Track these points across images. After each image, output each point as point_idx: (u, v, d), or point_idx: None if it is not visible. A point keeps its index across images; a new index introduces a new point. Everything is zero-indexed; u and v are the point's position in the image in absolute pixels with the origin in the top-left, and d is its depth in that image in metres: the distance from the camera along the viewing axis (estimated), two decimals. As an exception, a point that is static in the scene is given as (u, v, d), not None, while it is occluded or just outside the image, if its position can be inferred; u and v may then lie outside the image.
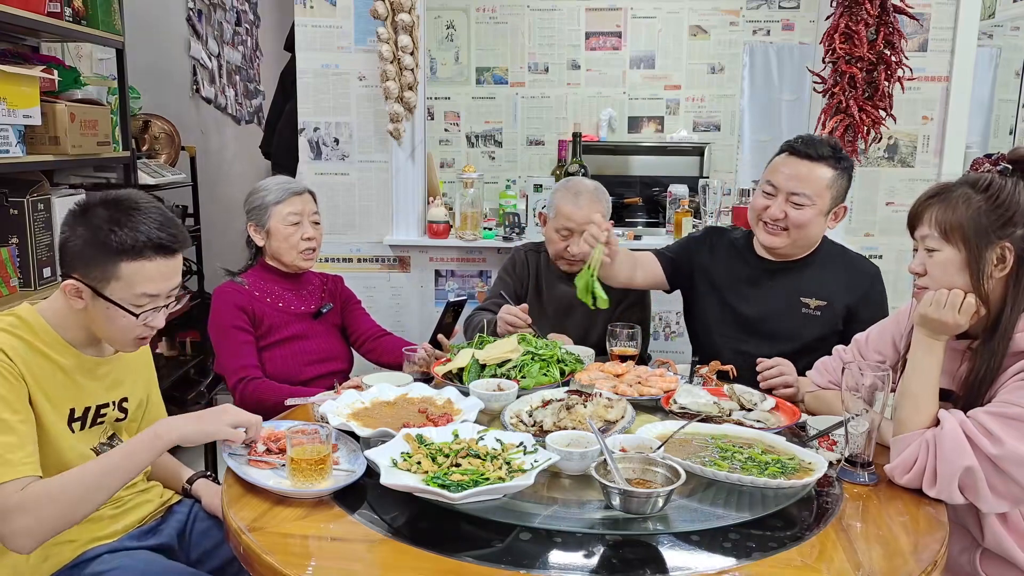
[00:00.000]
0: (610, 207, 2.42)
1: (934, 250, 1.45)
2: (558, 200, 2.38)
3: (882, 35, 2.91)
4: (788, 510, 1.28)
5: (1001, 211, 1.39)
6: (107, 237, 1.35)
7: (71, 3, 2.47)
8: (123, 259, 1.36)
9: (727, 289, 2.14)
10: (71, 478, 1.30)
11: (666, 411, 1.66)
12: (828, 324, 2.04)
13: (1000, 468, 1.30)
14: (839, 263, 2.10)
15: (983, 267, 1.39)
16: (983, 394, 1.41)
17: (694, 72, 5.38)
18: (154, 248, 1.38)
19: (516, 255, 2.59)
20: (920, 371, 1.44)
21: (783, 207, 1.99)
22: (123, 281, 1.37)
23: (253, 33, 5.19)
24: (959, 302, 1.40)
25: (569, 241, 2.36)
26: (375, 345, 2.29)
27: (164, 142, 3.60)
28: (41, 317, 1.41)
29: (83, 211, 1.39)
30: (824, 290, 2.06)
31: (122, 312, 1.38)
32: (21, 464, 1.27)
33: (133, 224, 1.36)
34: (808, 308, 2.05)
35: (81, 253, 1.37)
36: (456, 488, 1.21)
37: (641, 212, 4.29)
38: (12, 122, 2.16)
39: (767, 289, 2.10)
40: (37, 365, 1.37)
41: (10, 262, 2.21)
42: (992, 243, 1.39)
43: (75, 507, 1.30)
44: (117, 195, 1.42)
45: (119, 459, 1.35)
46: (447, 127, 5.51)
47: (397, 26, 3.02)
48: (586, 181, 2.45)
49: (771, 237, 2.04)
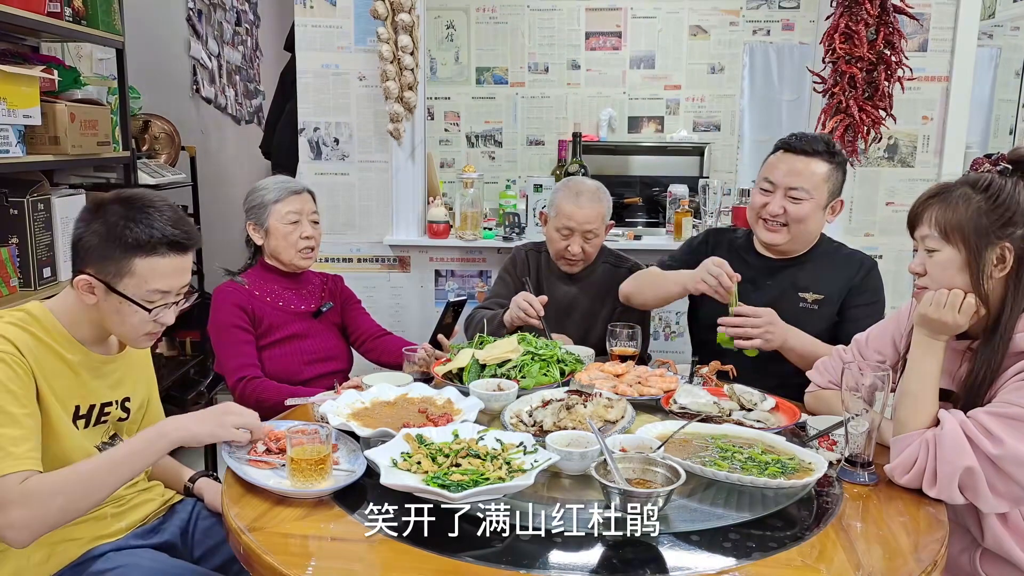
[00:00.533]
0: (611, 207, 2.42)
1: (934, 250, 1.44)
2: (559, 199, 2.38)
3: (882, 35, 2.91)
4: (788, 510, 1.28)
5: (1001, 211, 1.39)
6: (122, 233, 1.37)
7: (71, 3, 2.47)
8: (138, 255, 1.38)
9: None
10: (72, 473, 1.30)
11: (666, 411, 1.66)
12: (825, 318, 2.05)
13: (1000, 468, 1.30)
14: (836, 258, 2.11)
15: (983, 267, 1.39)
16: (983, 394, 1.41)
17: (694, 72, 5.38)
18: (168, 245, 1.40)
19: (516, 254, 2.59)
20: (920, 371, 1.44)
21: (782, 203, 2.01)
22: (136, 277, 1.39)
23: (253, 33, 5.19)
24: (959, 302, 1.40)
25: (570, 241, 2.36)
26: (375, 345, 2.29)
27: (164, 142, 3.60)
28: (51, 313, 1.42)
29: (97, 207, 1.42)
30: (821, 285, 2.07)
31: (134, 307, 1.40)
32: (24, 457, 1.27)
33: (148, 221, 1.39)
34: (806, 303, 2.07)
35: (95, 248, 1.39)
36: (456, 488, 1.21)
37: (641, 212, 4.29)
38: (12, 122, 2.16)
39: (766, 287, 2.10)
40: (46, 361, 1.38)
41: (10, 262, 2.21)
42: (992, 243, 1.39)
43: (75, 503, 1.30)
44: (131, 193, 1.45)
45: (122, 456, 1.35)
46: (447, 127, 5.51)
47: (397, 26, 3.02)
48: (588, 181, 2.45)
49: (771, 234, 2.06)
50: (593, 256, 2.43)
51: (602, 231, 2.39)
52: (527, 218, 3.26)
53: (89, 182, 2.94)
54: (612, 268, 2.48)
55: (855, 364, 1.46)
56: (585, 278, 2.47)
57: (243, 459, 1.42)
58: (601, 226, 2.38)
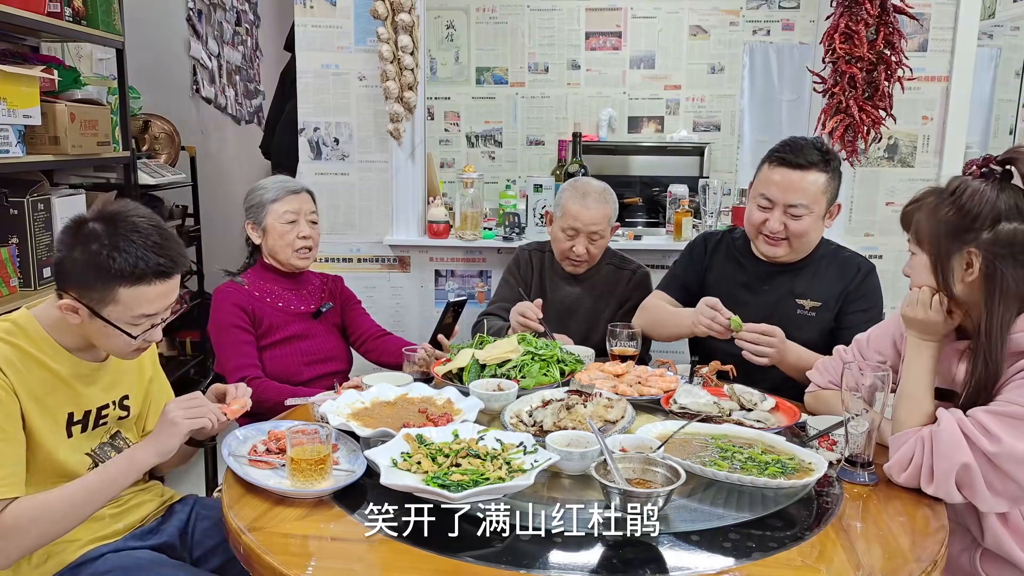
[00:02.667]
0: (617, 208, 2.42)
1: (913, 254, 1.49)
2: (565, 200, 2.37)
3: (882, 35, 2.91)
4: (788, 510, 1.28)
5: (962, 217, 1.38)
6: (106, 263, 1.32)
7: (71, 3, 2.47)
8: (122, 284, 1.34)
9: (725, 294, 2.10)
10: (52, 502, 1.31)
11: (666, 411, 1.66)
12: (823, 324, 2.04)
13: (997, 466, 1.30)
14: (833, 263, 2.09)
15: (948, 273, 1.41)
16: (984, 394, 1.41)
17: (694, 72, 5.38)
18: (154, 273, 1.36)
19: (520, 255, 2.58)
20: (912, 372, 1.46)
21: (782, 219, 1.99)
22: (121, 304, 1.35)
23: (253, 33, 5.19)
24: (928, 299, 1.43)
25: (575, 241, 2.36)
26: (375, 345, 2.29)
27: (164, 142, 3.60)
28: (37, 323, 1.40)
29: (78, 228, 1.36)
30: (818, 291, 2.06)
31: (119, 331, 1.38)
32: (2, 485, 1.27)
33: (132, 249, 1.33)
34: (803, 309, 2.05)
35: (78, 275, 1.34)
36: (456, 488, 1.21)
37: (641, 212, 4.29)
38: (12, 122, 2.16)
39: (763, 292, 2.10)
40: (32, 373, 1.37)
41: (10, 262, 2.21)
42: (956, 250, 1.39)
43: (53, 528, 1.31)
44: (114, 212, 1.38)
45: (97, 484, 1.36)
46: (447, 127, 5.51)
47: (397, 26, 3.02)
48: (594, 182, 2.44)
49: (773, 248, 2.04)
50: (598, 257, 2.43)
51: (607, 232, 2.39)
52: (527, 218, 3.26)
53: (89, 182, 2.94)
54: (616, 269, 2.48)
55: (855, 364, 1.46)
56: (589, 279, 2.47)
57: (243, 459, 1.42)
58: (607, 227, 2.37)
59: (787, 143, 2.02)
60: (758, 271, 2.12)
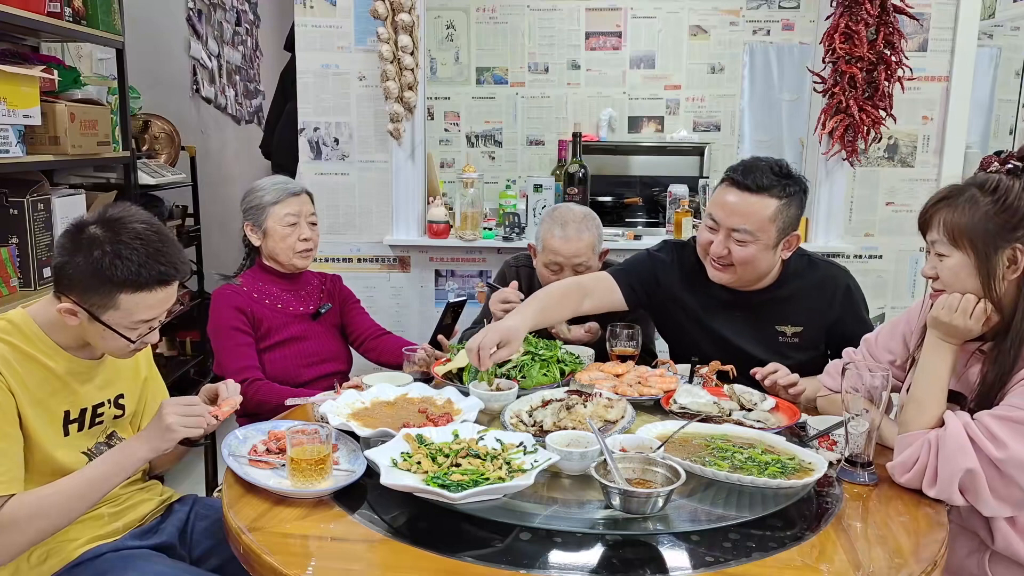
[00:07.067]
0: (601, 233, 2.26)
1: (944, 255, 1.43)
2: (544, 233, 2.22)
3: (882, 35, 2.91)
4: (788, 510, 1.28)
5: (1009, 214, 1.37)
6: (107, 270, 1.32)
7: (71, 3, 2.47)
8: (123, 291, 1.35)
9: (703, 313, 2.01)
10: (50, 495, 1.31)
11: (666, 411, 1.66)
12: (810, 347, 1.96)
13: (1002, 472, 1.29)
14: (808, 282, 1.96)
15: (993, 271, 1.38)
16: (994, 397, 1.40)
17: (694, 72, 5.38)
18: (156, 281, 1.37)
19: (507, 271, 2.44)
20: (929, 373, 1.43)
21: (725, 243, 1.86)
22: (122, 310, 1.36)
23: (253, 33, 5.20)
24: (971, 308, 1.39)
25: (560, 276, 2.18)
26: (375, 345, 2.28)
27: (164, 142, 3.60)
28: (33, 322, 1.40)
29: (79, 232, 1.36)
30: (798, 316, 1.95)
31: (118, 335, 1.39)
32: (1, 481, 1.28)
33: (135, 257, 1.34)
34: (785, 336, 1.96)
35: (79, 281, 1.34)
36: (456, 488, 1.21)
37: (641, 212, 4.30)
38: (12, 122, 2.16)
39: (736, 318, 1.97)
40: (29, 372, 1.37)
41: (10, 262, 2.21)
42: (1001, 247, 1.37)
43: (53, 523, 1.32)
44: (115, 217, 1.38)
45: (93, 478, 1.37)
46: (447, 127, 5.51)
47: (397, 26, 3.02)
48: (575, 208, 2.27)
49: (718, 273, 1.92)
50: None
51: (594, 261, 2.22)
52: (527, 218, 3.26)
53: (89, 182, 2.94)
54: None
55: (855, 364, 1.45)
56: None
57: (243, 459, 1.42)
58: (592, 257, 2.21)
59: (745, 162, 1.90)
60: (726, 296, 1.97)
